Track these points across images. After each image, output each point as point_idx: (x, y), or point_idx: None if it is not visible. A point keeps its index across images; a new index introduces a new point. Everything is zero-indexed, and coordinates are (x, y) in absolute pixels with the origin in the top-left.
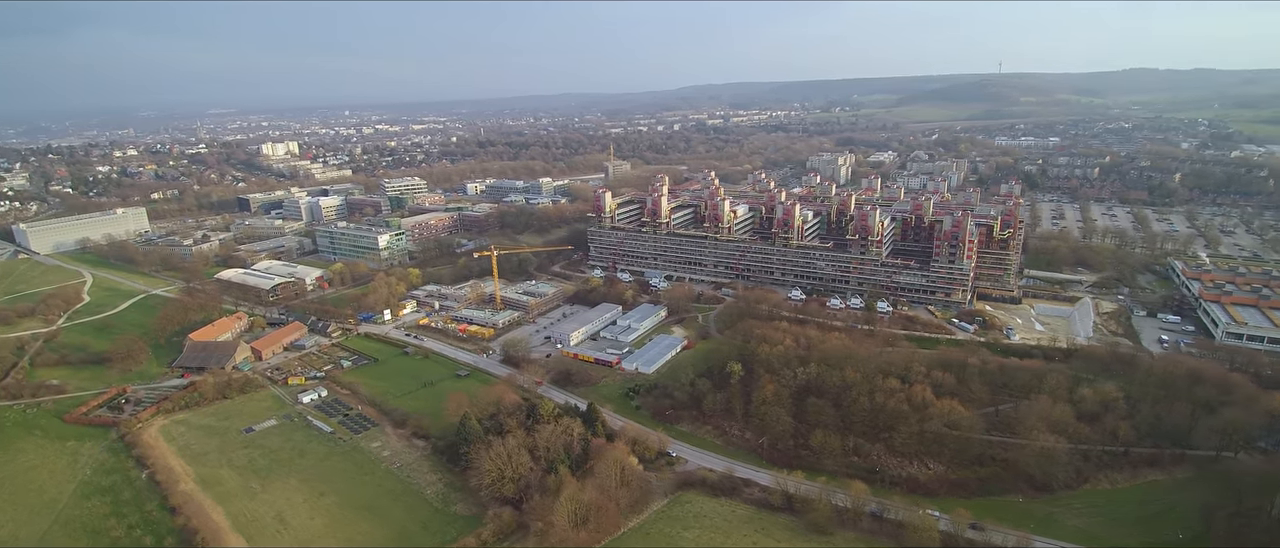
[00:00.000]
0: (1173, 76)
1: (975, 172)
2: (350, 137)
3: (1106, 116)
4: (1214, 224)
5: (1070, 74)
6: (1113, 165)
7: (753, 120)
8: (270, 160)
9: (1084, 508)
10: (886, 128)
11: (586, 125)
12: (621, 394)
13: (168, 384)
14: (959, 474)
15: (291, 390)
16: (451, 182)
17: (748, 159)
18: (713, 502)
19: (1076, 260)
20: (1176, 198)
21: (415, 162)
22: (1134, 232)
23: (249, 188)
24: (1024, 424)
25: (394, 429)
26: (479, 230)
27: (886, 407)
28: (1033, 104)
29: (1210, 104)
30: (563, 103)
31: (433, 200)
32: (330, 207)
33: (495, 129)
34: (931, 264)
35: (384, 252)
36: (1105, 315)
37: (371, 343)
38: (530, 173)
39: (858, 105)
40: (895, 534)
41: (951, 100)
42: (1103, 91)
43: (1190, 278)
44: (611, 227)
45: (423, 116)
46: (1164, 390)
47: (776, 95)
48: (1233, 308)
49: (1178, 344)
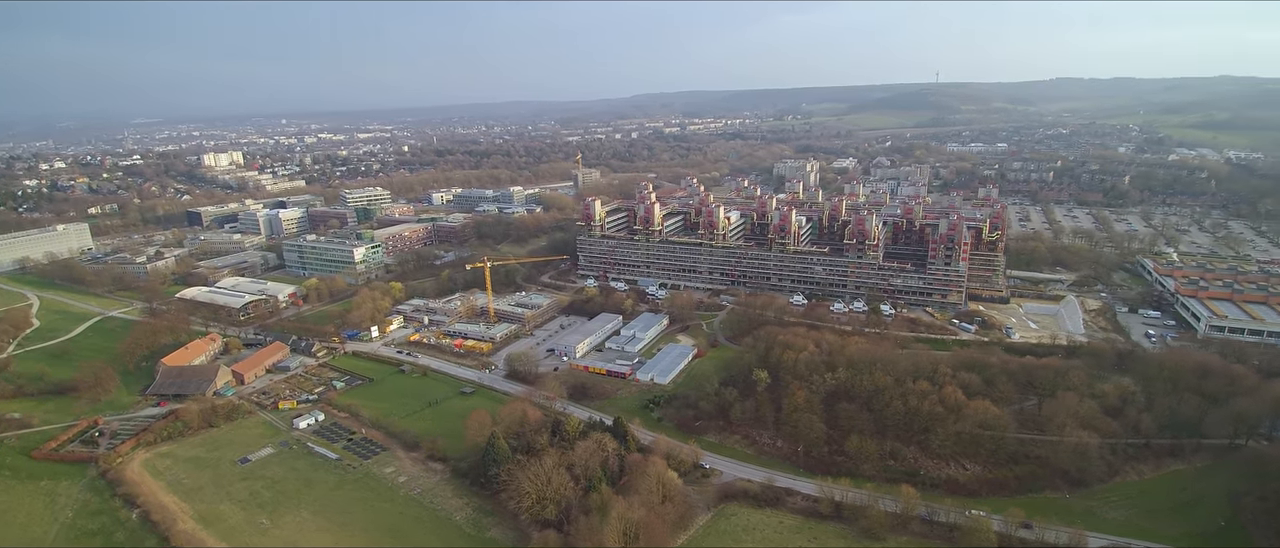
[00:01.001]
0: (1096, 85)
1: (938, 177)
2: (293, 146)
3: (1043, 123)
4: (1170, 223)
5: (1002, 83)
6: (1065, 169)
7: (709, 128)
8: (214, 171)
9: (1120, 501)
10: (840, 135)
11: (542, 133)
12: (640, 406)
13: (143, 414)
14: (997, 474)
15: (284, 416)
16: (414, 192)
17: (713, 166)
18: (758, 513)
19: (1054, 260)
20: (1129, 199)
21: (371, 171)
22: (1098, 232)
23: (195, 200)
24: (1054, 421)
25: (406, 453)
26: (455, 241)
27: (921, 409)
28: (972, 112)
29: (1134, 110)
30: (513, 111)
31: (402, 211)
32: (291, 219)
33: (448, 138)
34: (929, 267)
35: (360, 265)
36: (1092, 312)
37: (362, 362)
38: (496, 182)
39: (809, 114)
40: (949, 537)
41: (897, 108)
42: (1033, 100)
43: (1163, 274)
44: (601, 235)
45: (367, 125)
46: (1174, 383)
47: (728, 104)
48: (1210, 302)
49: (1165, 338)
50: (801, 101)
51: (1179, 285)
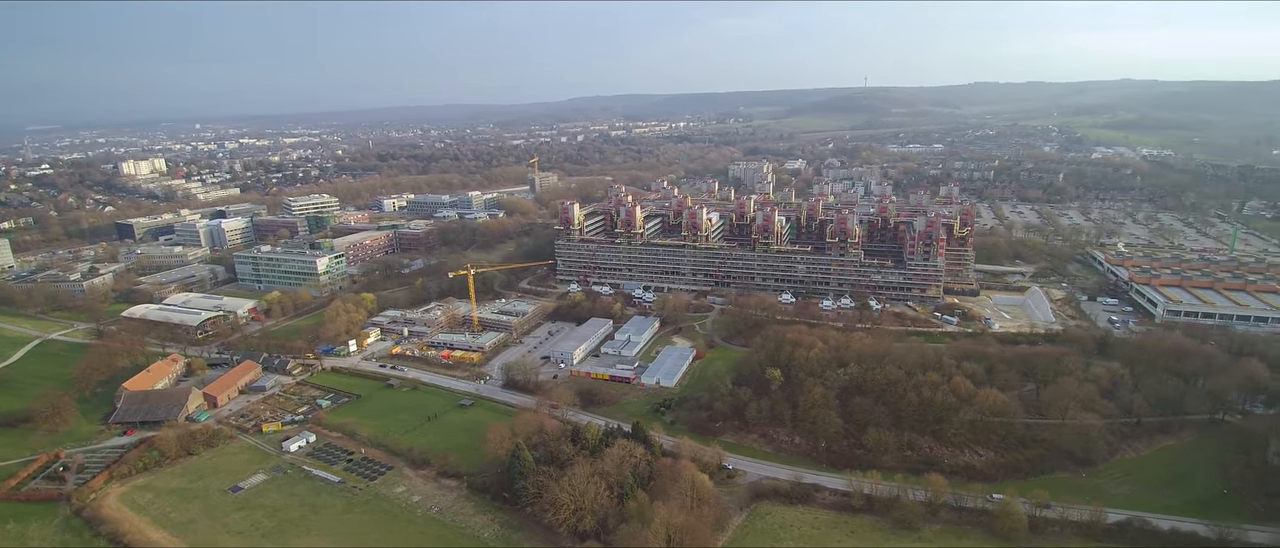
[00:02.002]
0: (1010, 89)
1: (887, 177)
2: (214, 152)
3: (969, 125)
4: (1108, 217)
5: (925, 87)
6: (1003, 168)
7: (654, 131)
8: (135, 180)
9: (1122, 477)
10: (783, 137)
11: (484, 137)
12: (650, 410)
13: (110, 444)
14: (1009, 458)
15: (270, 439)
16: (362, 198)
17: (667, 169)
18: (791, 511)
19: (1013, 254)
20: (1066, 195)
21: (310, 177)
22: (1045, 226)
23: (122, 211)
24: (1057, 405)
25: (413, 470)
26: (420, 249)
27: (934, 400)
28: (903, 115)
29: (1048, 112)
30: (448, 114)
31: (358, 219)
32: (234, 230)
33: (384, 142)
34: (908, 262)
35: (323, 277)
36: (1058, 302)
37: (344, 378)
38: (448, 186)
39: (749, 117)
40: (980, 522)
41: (832, 112)
42: (956, 103)
43: (1114, 265)
44: (581, 239)
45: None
46: (1153, 365)
47: (667, 107)
48: (1163, 289)
49: (1126, 324)
50: (739, 105)
51: (1132, 274)
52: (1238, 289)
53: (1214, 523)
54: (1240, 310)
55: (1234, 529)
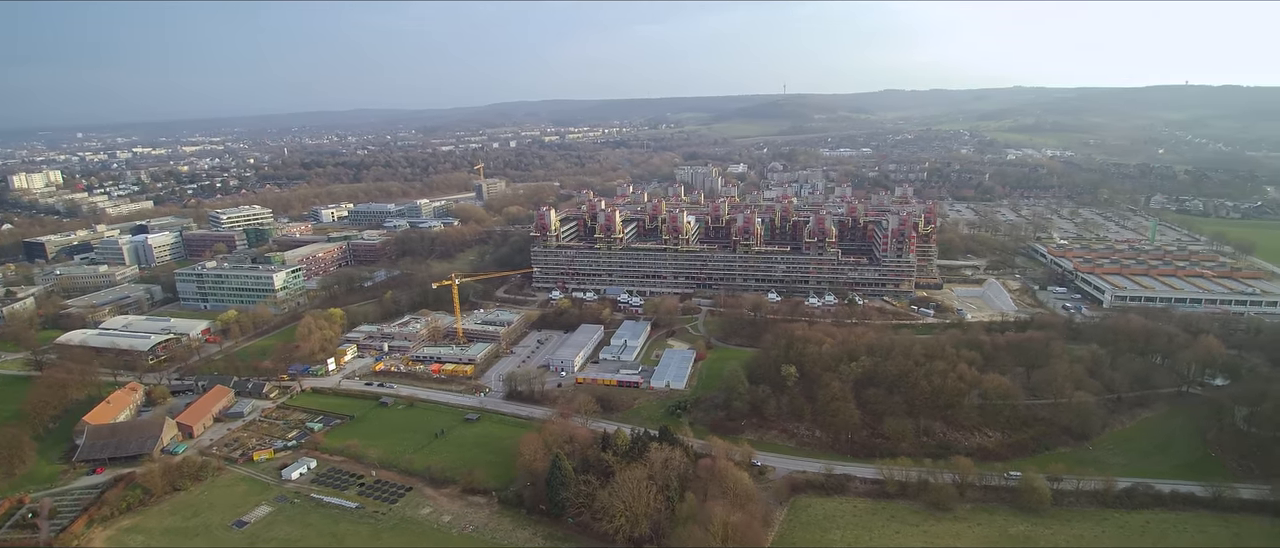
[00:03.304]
0: (917, 96)
1: (829, 179)
2: (108, 163)
3: (887, 130)
4: (1037, 213)
5: (841, 94)
6: (934, 170)
7: (588, 137)
8: (31, 194)
9: (1115, 449)
10: (717, 143)
11: (410, 143)
12: (665, 413)
13: (80, 485)
14: (1016, 437)
15: (265, 467)
16: (294, 209)
17: (611, 174)
18: (829, 502)
19: (966, 249)
20: (995, 194)
21: (229, 188)
22: (984, 223)
23: (21, 230)
24: (1053, 385)
25: (436, 490)
26: (379, 260)
27: (944, 387)
28: (825, 120)
29: (954, 118)
30: (361, 119)
31: (302, 231)
32: (163, 246)
33: (298, 149)
34: (883, 259)
35: (281, 292)
36: (1015, 292)
37: (329, 399)
38: (386, 195)
39: (681, 123)
40: (1004, 499)
41: (758, 117)
42: (870, 109)
43: (1058, 256)
44: (558, 245)
45: (189, 137)
46: (1125, 345)
47: (596, 113)
48: (1107, 277)
49: (1079, 310)
50: (666, 111)
51: (1078, 265)
52: (1170, 275)
53: (1207, 484)
54: (1177, 294)
55: (1225, 488)
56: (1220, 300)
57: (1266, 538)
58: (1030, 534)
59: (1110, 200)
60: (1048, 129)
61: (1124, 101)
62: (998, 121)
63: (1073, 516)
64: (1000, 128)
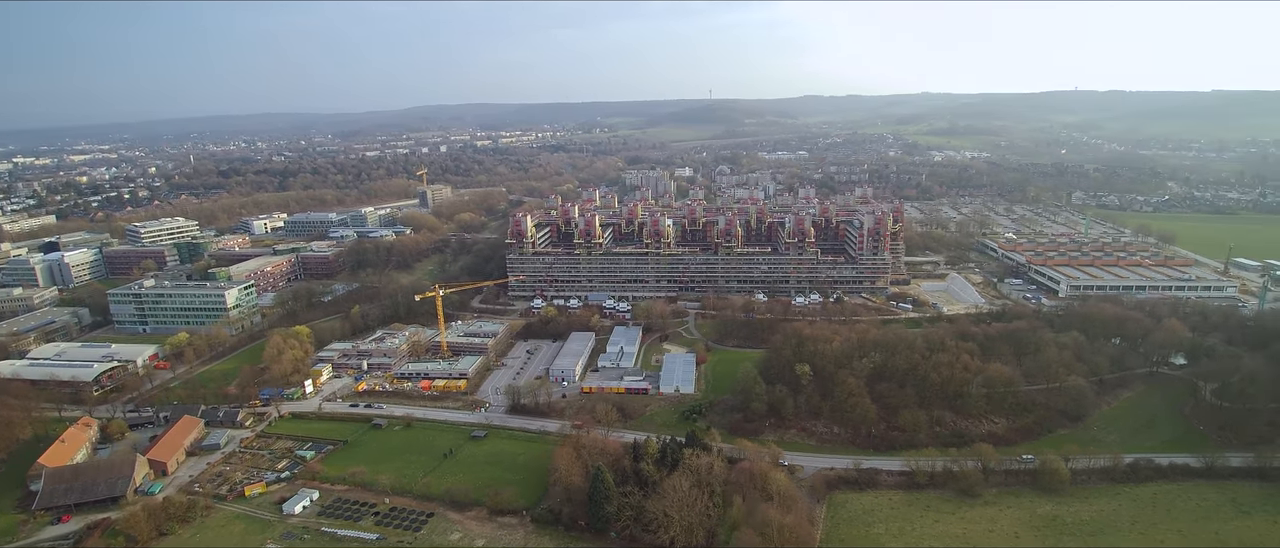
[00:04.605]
0: (834, 101)
1: (777, 181)
2: None
3: (816, 134)
4: (976, 210)
5: (766, 99)
6: (873, 171)
7: (522, 142)
8: None
9: (1106, 427)
10: (655, 147)
11: (330, 148)
12: (680, 418)
13: (46, 537)
14: (1020, 422)
15: (260, 503)
16: (219, 221)
17: (556, 179)
18: (865, 496)
19: (923, 246)
20: (933, 193)
21: (139, 200)
22: (931, 220)
23: None
24: (1047, 371)
25: (460, 514)
26: (333, 273)
27: (953, 378)
28: (755, 125)
29: (872, 122)
30: (268, 123)
31: (241, 244)
32: (82, 264)
33: (205, 156)
34: (859, 257)
35: (234, 311)
36: (978, 285)
37: (313, 424)
38: (319, 204)
39: (614, 127)
40: (1024, 481)
41: (690, 122)
42: (794, 114)
43: (1008, 251)
44: (535, 252)
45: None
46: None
47: (521, 117)
48: (1060, 269)
49: (1038, 300)
50: (595, 115)
51: (1030, 258)
52: (1114, 265)
53: (1198, 455)
54: (1125, 282)
55: (1217, 457)
56: (1162, 287)
57: (1259, 501)
58: (1057, 513)
59: (1037, 197)
60: (961, 132)
61: (1023, 106)
62: (915, 126)
63: (1089, 492)
64: (918, 131)
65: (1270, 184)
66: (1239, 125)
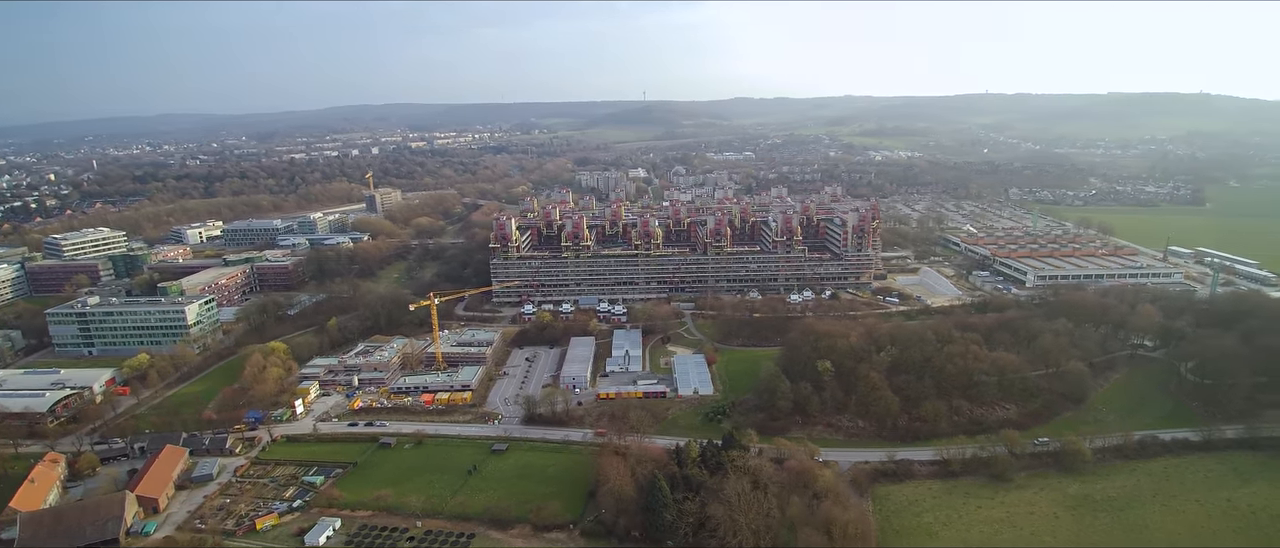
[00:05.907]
0: (764, 104)
1: (734, 180)
2: None
3: (753, 135)
4: (929, 207)
5: (699, 101)
6: (823, 169)
7: (459, 143)
8: None
9: (1106, 409)
10: (599, 148)
11: (248, 151)
12: (703, 420)
13: None
14: (1030, 407)
15: (275, 537)
16: (145, 230)
17: (504, 180)
18: (905, 487)
19: (890, 241)
20: (884, 190)
21: (48, 210)
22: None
23: None
24: (1048, 357)
25: (502, 532)
26: (293, 284)
27: (966, 368)
28: (693, 126)
29: (803, 124)
30: (171, 125)
31: (184, 255)
32: (2, 281)
33: (110, 162)
34: (844, 254)
35: (195, 327)
36: (951, 278)
37: (312, 446)
38: (256, 210)
39: (553, 129)
40: (1048, 463)
41: (628, 123)
42: (727, 116)
43: (972, 244)
44: (520, 257)
45: None
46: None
47: (450, 117)
48: (1024, 261)
49: (1008, 289)
50: (529, 116)
51: (994, 251)
52: (1071, 255)
53: (1195, 429)
54: (1085, 272)
55: (1214, 430)
56: (1118, 275)
57: (1256, 469)
58: (1086, 492)
59: (980, 194)
60: (890, 133)
61: (940, 108)
62: (845, 127)
63: (1109, 470)
64: (850, 132)
65: (1179, 178)
66: (1136, 124)
